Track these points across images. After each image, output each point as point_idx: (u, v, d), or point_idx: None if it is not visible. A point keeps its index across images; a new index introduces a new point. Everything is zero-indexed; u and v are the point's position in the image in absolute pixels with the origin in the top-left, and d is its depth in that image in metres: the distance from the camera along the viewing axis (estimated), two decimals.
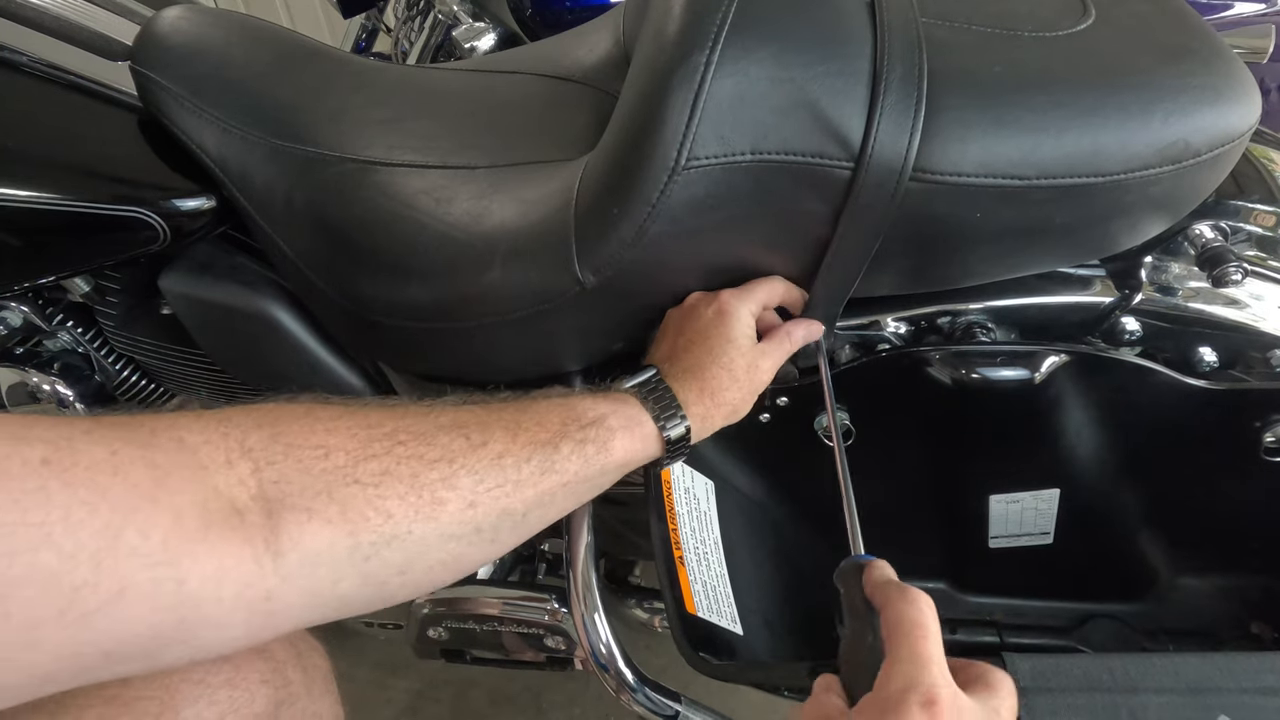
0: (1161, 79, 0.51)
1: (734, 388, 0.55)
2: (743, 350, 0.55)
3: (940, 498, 0.73)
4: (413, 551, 0.42)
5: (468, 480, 0.44)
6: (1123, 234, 0.58)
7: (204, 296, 0.71)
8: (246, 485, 0.38)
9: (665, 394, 0.53)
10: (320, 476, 0.40)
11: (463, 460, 0.44)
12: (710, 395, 0.54)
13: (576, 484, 0.49)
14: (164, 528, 0.35)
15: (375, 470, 0.42)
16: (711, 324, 0.56)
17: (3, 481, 0.31)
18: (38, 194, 0.61)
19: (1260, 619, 0.71)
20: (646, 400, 0.53)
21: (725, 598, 0.63)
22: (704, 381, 0.54)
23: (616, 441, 0.50)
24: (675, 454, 0.54)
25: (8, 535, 0.30)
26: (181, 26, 0.67)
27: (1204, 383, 0.61)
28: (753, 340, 0.57)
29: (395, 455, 0.43)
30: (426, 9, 1.37)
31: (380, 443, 0.43)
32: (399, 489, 0.42)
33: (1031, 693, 0.50)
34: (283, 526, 0.38)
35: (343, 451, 0.42)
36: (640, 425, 0.52)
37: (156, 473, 0.36)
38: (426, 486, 0.43)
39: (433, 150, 0.65)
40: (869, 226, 0.52)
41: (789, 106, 0.49)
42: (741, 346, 0.55)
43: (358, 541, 0.40)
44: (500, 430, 0.47)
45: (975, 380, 0.62)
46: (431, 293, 0.59)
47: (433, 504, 0.43)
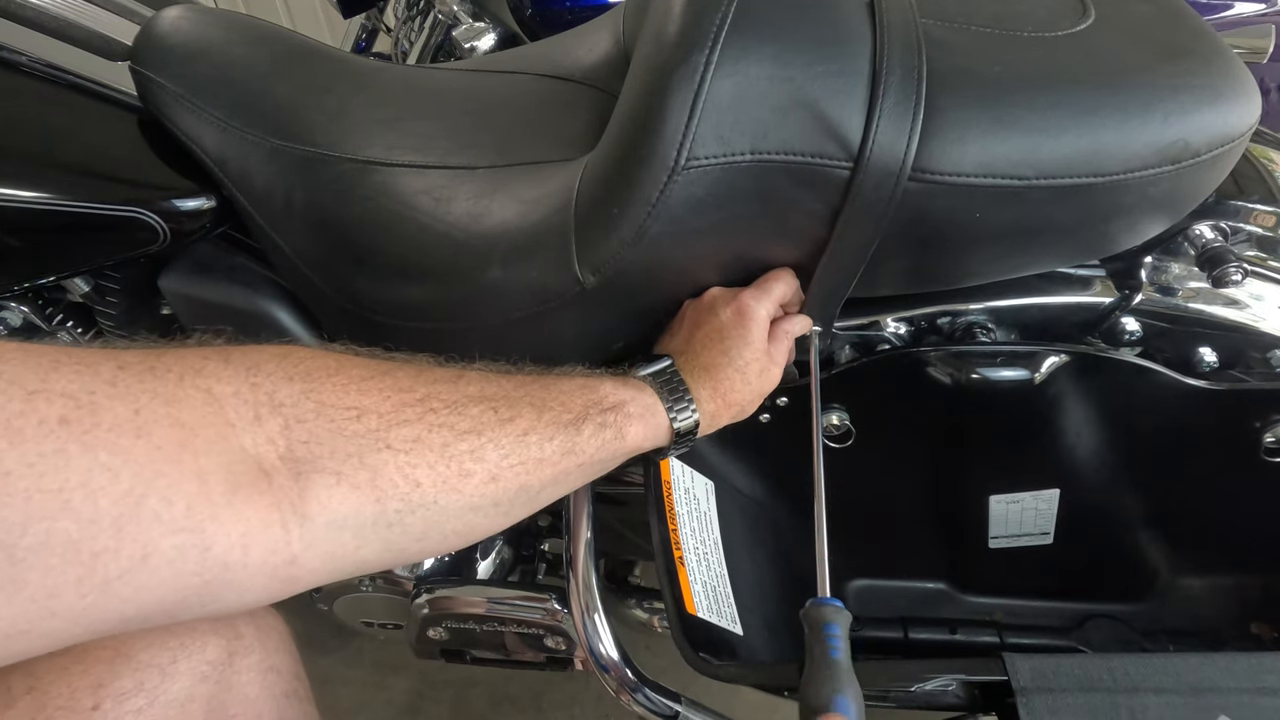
0: (1161, 79, 0.51)
1: (745, 389, 0.56)
2: (757, 354, 0.56)
3: (940, 498, 0.73)
4: (434, 520, 0.43)
5: (494, 454, 0.44)
6: (1122, 234, 0.58)
7: (204, 296, 0.71)
8: (275, 444, 0.38)
9: (680, 387, 0.54)
10: (353, 439, 0.40)
11: (491, 434, 0.45)
12: (722, 395, 0.55)
13: (590, 465, 0.50)
14: (189, 493, 0.34)
15: (408, 436, 0.41)
16: (730, 325, 0.56)
17: (18, 443, 0.29)
18: (38, 194, 0.61)
19: (1260, 619, 0.71)
20: (661, 390, 0.54)
21: (725, 598, 0.63)
22: (718, 381, 0.55)
23: (632, 428, 0.51)
24: (680, 445, 0.55)
25: (23, 502, 0.29)
26: (181, 26, 0.67)
27: (1204, 383, 0.61)
28: (766, 344, 0.57)
29: (427, 422, 0.43)
30: (426, 9, 1.37)
31: (413, 408, 0.43)
32: (429, 457, 0.42)
33: (1031, 693, 0.50)
34: (310, 490, 0.38)
35: (375, 414, 0.41)
36: (654, 415, 0.53)
37: (182, 432, 0.34)
38: (455, 458, 0.43)
39: (433, 150, 0.65)
40: (868, 226, 0.52)
41: (788, 106, 0.49)
42: (757, 350, 0.56)
43: (384, 509, 0.40)
44: (527, 407, 0.47)
45: (975, 380, 0.62)
46: (431, 293, 0.59)
47: (460, 475, 0.43)
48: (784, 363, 0.59)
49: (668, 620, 0.57)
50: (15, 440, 0.30)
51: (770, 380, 0.58)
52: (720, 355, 0.56)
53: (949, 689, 0.56)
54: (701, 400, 0.55)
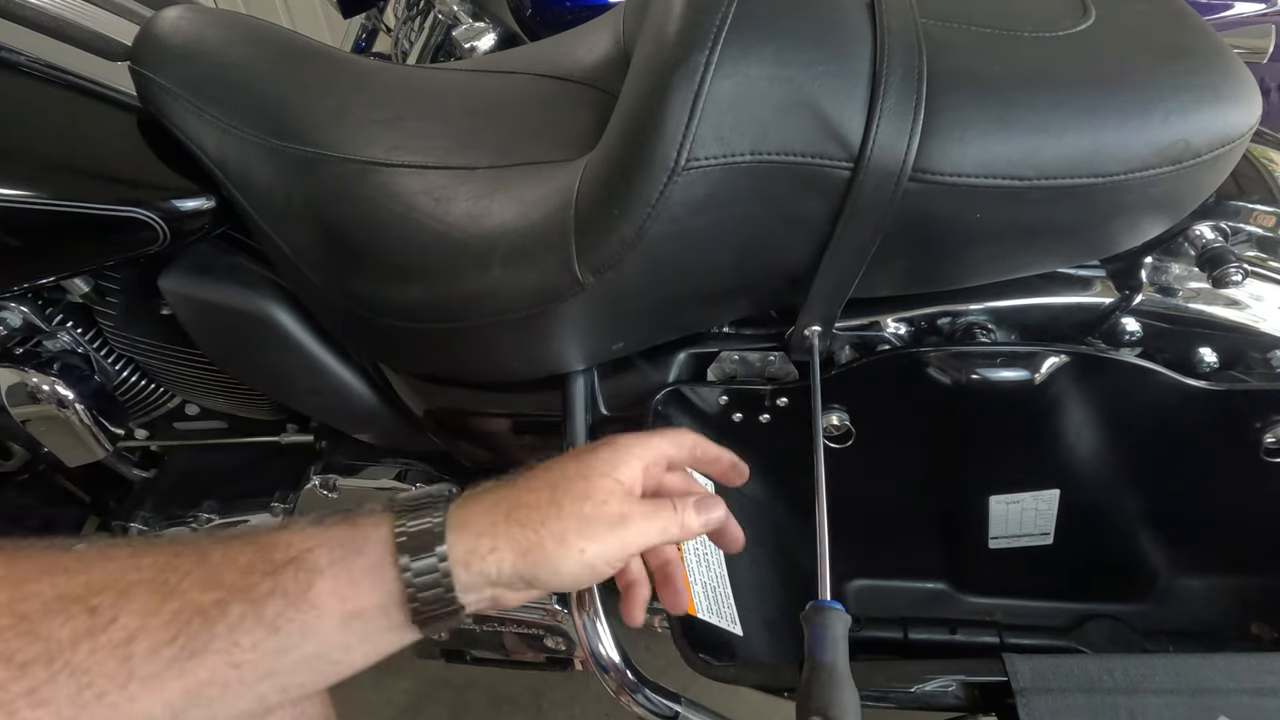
0: (1162, 79, 0.51)
1: (558, 519, 0.39)
2: (602, 485, 0.40)
3: (940, 498, 0.73)
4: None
5: (68, 686, 0.32)
6: (1123, 234, 0.58)
7: (204, 297, 0.71)
8: None
9: (433, 509, 0.39)
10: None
11: (68, 655, 0.32)
12: (507, 514, 0.39)
13: (263, 666, 0.34)
14: None
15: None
16: (580, 452, 0.43)
17: None
18: (38, 194, 0.61)
19: (1260, 619, 0.71)
20: (403, 517, 0.38)
21: (725, 599, 0.63)
22: (511, 499, 0.40)
23: (322, 585, 0.35)
24: (431, 616, 0.37)
25: None
26: (181, 26, 0.67)
27: (1204, 383, 0.61)
28: (625, 485, 0.42)
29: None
30: (426, 9, 1.37)
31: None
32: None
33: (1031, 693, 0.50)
34: None
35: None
36: (362, 556, 0.37)
37: None
38: (4, 705, 0.31)
39: (433, 150, 0.65)
40: (868, 227, 0.52)
41: (789, 107, 0.49)
42: (602, 481, 0.41)
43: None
44: (145, 593, 0.34)
45: (975, 381, 0.62)
46: (431, 293, 0.59)
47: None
48: (650, 528, 0.41)
49: (668, 621, 0.57)
50: None
51: (614, 539, 0.40)
52: (539, 476, 0.41)
53: (949, 690, 0.56)
54: (464, 523, 0.38)
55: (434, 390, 0.74)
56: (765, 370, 0.68)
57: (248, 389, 0.82)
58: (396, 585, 0.37)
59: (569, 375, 0.67)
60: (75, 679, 0.32)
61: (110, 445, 0.79)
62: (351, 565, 0.36)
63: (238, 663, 0.34)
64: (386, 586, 0.37)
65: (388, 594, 0.37)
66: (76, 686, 0.32)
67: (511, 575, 0.38)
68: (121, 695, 0.32)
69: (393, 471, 0.86)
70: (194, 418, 0.89)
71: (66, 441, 0.78)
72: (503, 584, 0.39)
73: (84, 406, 0.76)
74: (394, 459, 0.86)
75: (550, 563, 0.38)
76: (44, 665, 0.32)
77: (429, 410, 0.76)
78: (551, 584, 0.39)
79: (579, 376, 0.67)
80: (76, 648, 0.32)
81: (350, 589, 0.36)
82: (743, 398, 0.66)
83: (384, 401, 0.78)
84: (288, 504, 0.88)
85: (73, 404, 0.75)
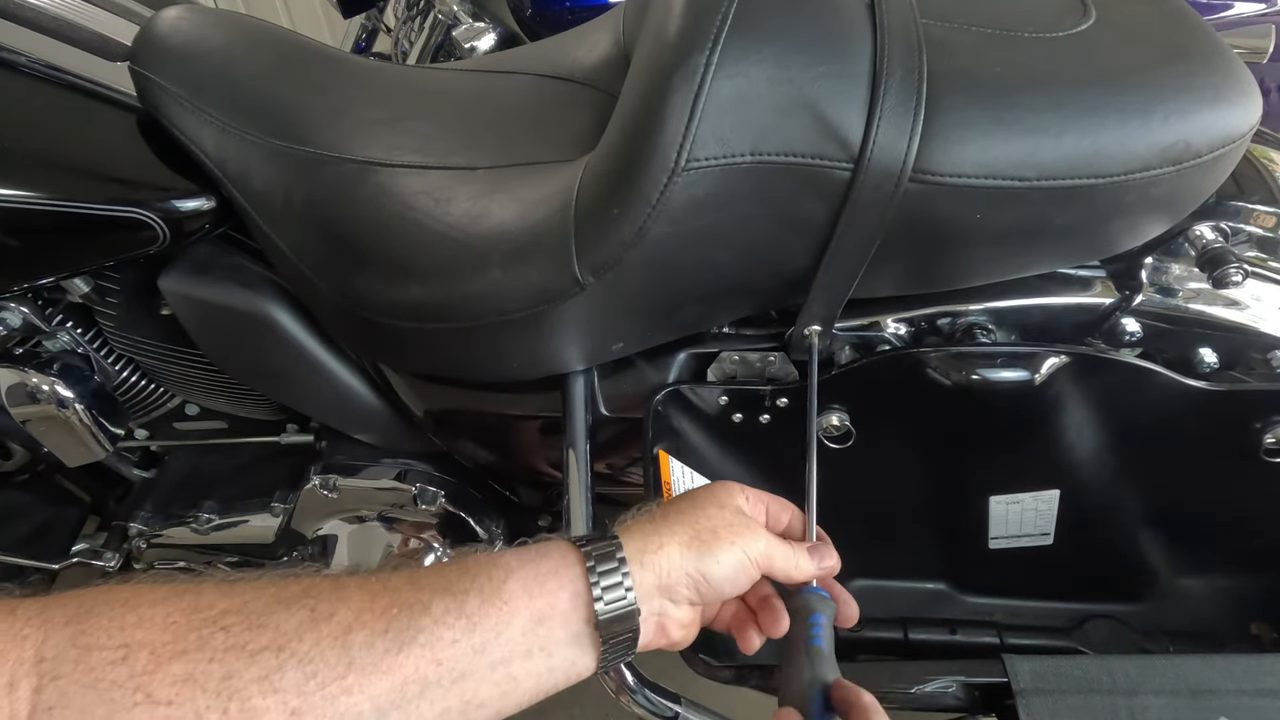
0: (1162, 79, 0.51)
1: (708, 520, 0.44)
2: (731, 504, 0.46)
3: (940, 498, 0.73)
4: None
5: (295, 675, 0.34)
6: (1123, 235, 0.58)
7: (204, 296, 0.71)
8: (18, 717, 0.31)
9: (608, 540, 0.42)
10: (107, 692, 0.32)
11: (295, 645, 0.34)
12: (664, 518, 0.44)
13: (460, 665, 0.37)
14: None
15: (178, 676, 0.32)
16: (700, 488, 0.48)
17: None
18: (38, 194, 0.61)
19: (1260, 620, 0.71)
20: (581, 545, 0.42)
21: None
22: (662, 513, 0.45)
23: (513, 584, 0.39)
24: (613, 646, 0.41)
25: None
26: (181, 27, 0.67)
27: (1204, 384, 0.61)
28: (749, 512, 0.47)
29: (210, 649, 0.33)
30: (426, 9, 1.37)
31: (198, 632, 0.34)
32: (200, 702, 0.32)
33: (1031, 694, 0.50)
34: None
35: (147, 650, 0.33)
36: (547, 559, 0.41)
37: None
38: (239, 692, 0.33)
39: (432, 150, 0.65)
40: (868, 227, 0.52)
41: (789, 107, 0.49)
42: (731, 501, 0.46)
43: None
44: (359, 594, 0.37)
45: (975, 381, 0.62)
46: (431, 293, 0.59)
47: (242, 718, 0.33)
48: (773, 548, 0.45)
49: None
50: None
51: (756, 541, 0.44)
52: (680, 502, 0.46)
53: (949, 690, 0.56)
54: (635, 535, 0.42)
55: (434, 390, 0.74)
56: (765, 371, 0.68)
57: (248, 389, 0.82)
58: (582, 584, 0.40)
59: (569, 375, 0.67)
60: (302, 667, 0.34)
61: (110, 445, 0.79)
62: (539, 566, 0.40)
63: (439, 659, 0.36)
64: (573, 585, 0.40)
65: (573, 594, 0.40)
66: (303, 675, 0.34)
67: (680, 570, 0.42)
68: (339, 686, 0.34)
69: (393, 471, 0.85)
70: (194, 418, 0.89)
71: (66, 441, 0.78)
72: (672, 584, 0.42)
73: (84, 406, 0.76)
74: (394, 459, 0.86)
75: (712, 553, 0.42)
76: (274, 654, 0.34)
77: (429, 410, 0.76)
78: (713, 575, 0.42)
79: (579, 376, 0.67)
80: (302, 637, 0.34)
81: (538, 585, 0.39)
82: (743, 398, 0.66)
83: (384, 401, 0.78)
84: (288, 504, 0.88)
85: (73, 404, 0.75)
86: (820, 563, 0.47)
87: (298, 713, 0.33)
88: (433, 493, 0.85)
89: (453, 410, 0.76)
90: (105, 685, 0.32)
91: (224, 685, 0.33)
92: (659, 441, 0.66)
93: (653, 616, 0.42)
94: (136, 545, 0.91)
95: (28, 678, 0.32)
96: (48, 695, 0.32)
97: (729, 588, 0.43)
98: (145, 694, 0.32)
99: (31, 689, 0.32)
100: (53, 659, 0.32)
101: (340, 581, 0.38)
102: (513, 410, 0.74)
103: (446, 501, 0.85)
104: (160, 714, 0.32)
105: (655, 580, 0.42)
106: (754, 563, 0.44)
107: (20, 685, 0.32)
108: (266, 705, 0.33)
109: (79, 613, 0.34)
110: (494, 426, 0.77)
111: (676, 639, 0.45)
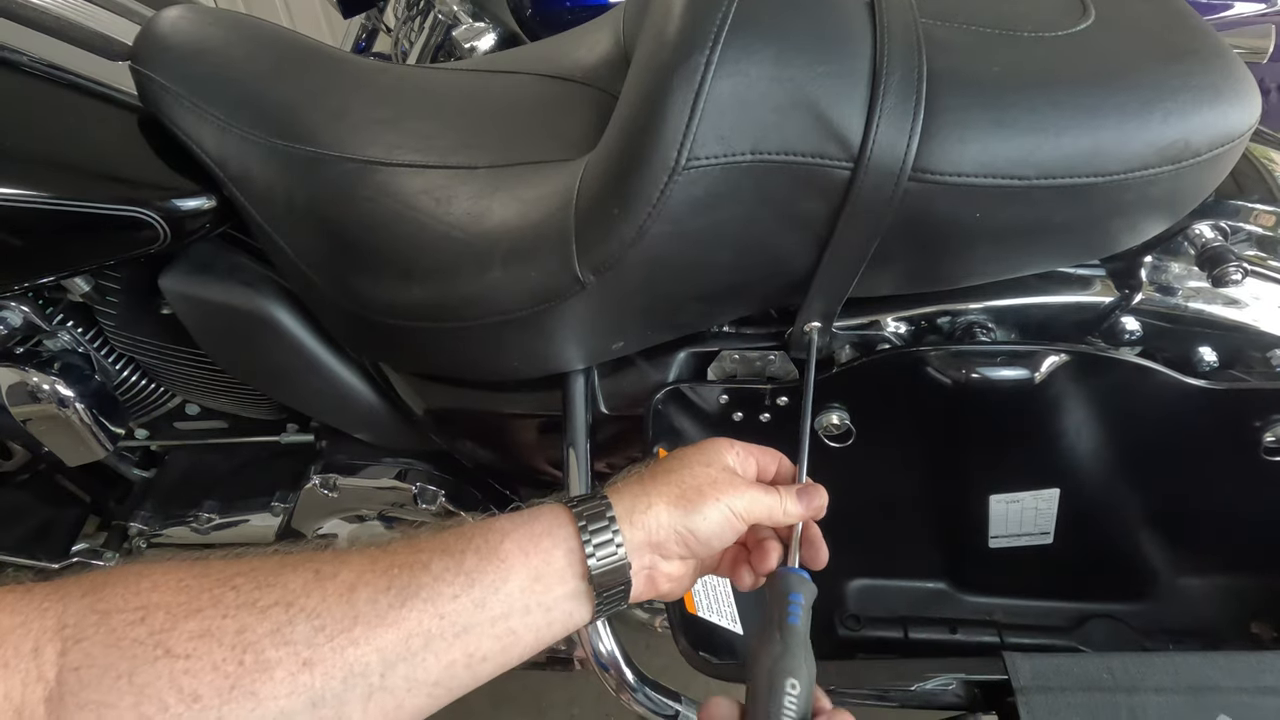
0: (1161, 79, 0.51)
1: (693, 478, 0.45)
2: (719, 460, 0.47)
3: (940, 497, 0.73)
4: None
5: (305, 628, 0.35)
6: (1123, 234, 0.58)
7: (204, 296, 0.71)
8: (45, 678, 0.33)
9: (598, 500, 0.44)
10: (129, 649, 0.33)
11: (303, 601, 0.36)
12: (652, 478, 0.45)
13: (462, 619, 0.38)
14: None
15: (194, 632, 0.34)
16: (689, 447, 0.48)
17: None
18: (38, 194, 0.61)
19: (1260, 619, 0.71)
20: (572, 506, 0.44)
21: (725, 597, 0.63)
22: (649, 473, 0.46)
23: (508, 544, 0.40)
24: (605, 568, 0.42)
25: None
26: (181, 26, 0.67)
27: (1204, 382, 0.61)
28: (734, 467, 0.48)
29: (223, 606, 0.35)
30: (426, 9, 1.37)
31: (210, 592, 0.36)
32: (216, 655, 0.34)
33: (1032, 691, 0.50)
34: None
35: (163, 610, 0.35)
36: (539, 521, 0.42)
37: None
38: (253, 645, 0.34)
39: (433, 150, 0.65)
40: (868, 226, 0.52)
41: (789, 107, 0.49)
42: (718, 457, 0.47)
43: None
44: (359, 557, 0.39)
45: (975, 380, 0.62)
46: (432, 292, 0.59)
47: (256, 671, 0.34)
48: (766, 500, 0.46)
49: (668, 620, 0.57)
50: None
51: (741, 496, 0.45)
52: (670, 461, 0.47)
53: (949, 688, 0.56)
54: (625, 495, 0.44)
55: (434, 390, 0.74)
56: (765, 369, 0.68)
57: (248, 389, 0.82)
58: (575, 542, 0.41)
59: (569, 374, 0.67)
60: (310, 621, 0.35)
61: (110, 445, 0.79)
62: (532, 528, 0.41)
63: (441, 613, 0.38)
64: (566, 544, 0.41)
65: (566, 551, 0.41)
66: (312, 629, 0.35)
67: (668, 528, 0.43)
68: (347, 639, 0.36)
69: (393, 471, 0.86)
70: (194, 418, 0.89)
71: (66, 441, 0.78)
72: (661, 541, 0.43)
73: (84, 406, 0.76)
74: (394, 459, 0.86)
75: (698, 509, 0.44)
76: (283, 609, 0.35)
77: (429, 410, 0.76)
78: (700, 530, 0.44)
79: (579, 376, 0.67)
80: (309, 594, 0.36)
81: (532, 544, 0.41)
82: (743, 397, 0.66)
83: (384, 401, 0.78)
84: (288, 504, 0.88)
85: (73, 403, 0.75)
86: (809, 504, 0.48)
87: (309, 664, 0.35)
88: (433, 492, 0.85)
89: (453, 410, 0.76)
90: (127, 643, 0.34)
91: (239, 639, 0.34)
92: (659, 440, 0.66)
93: (644, 570, 0.44)
94: (136, 545, 0.92)
95: (52, 643, 0.33)
96: (73, 657, 0.33)
97: (716, 542, 0.45)
98: (165, 649, 0.34)
99: (57, 652, 0.33)
100: (74, 624, 0.34)
101: (341, 551, 0.39)
102: (513, 409, 0.74)
103: (446, 501, 0.85)
104: (180, 666, 0.33)
105: (645, 537, 0.43)
106: (739, 516, 0.45)
107: (45, 650, 0.33)
108: (280, 656, 0.35)
109: (94, 585, 0.35)
110: (494, 426, 0.77)
111: (665, 590, 0.46)
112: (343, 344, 0.74)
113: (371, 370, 0.76)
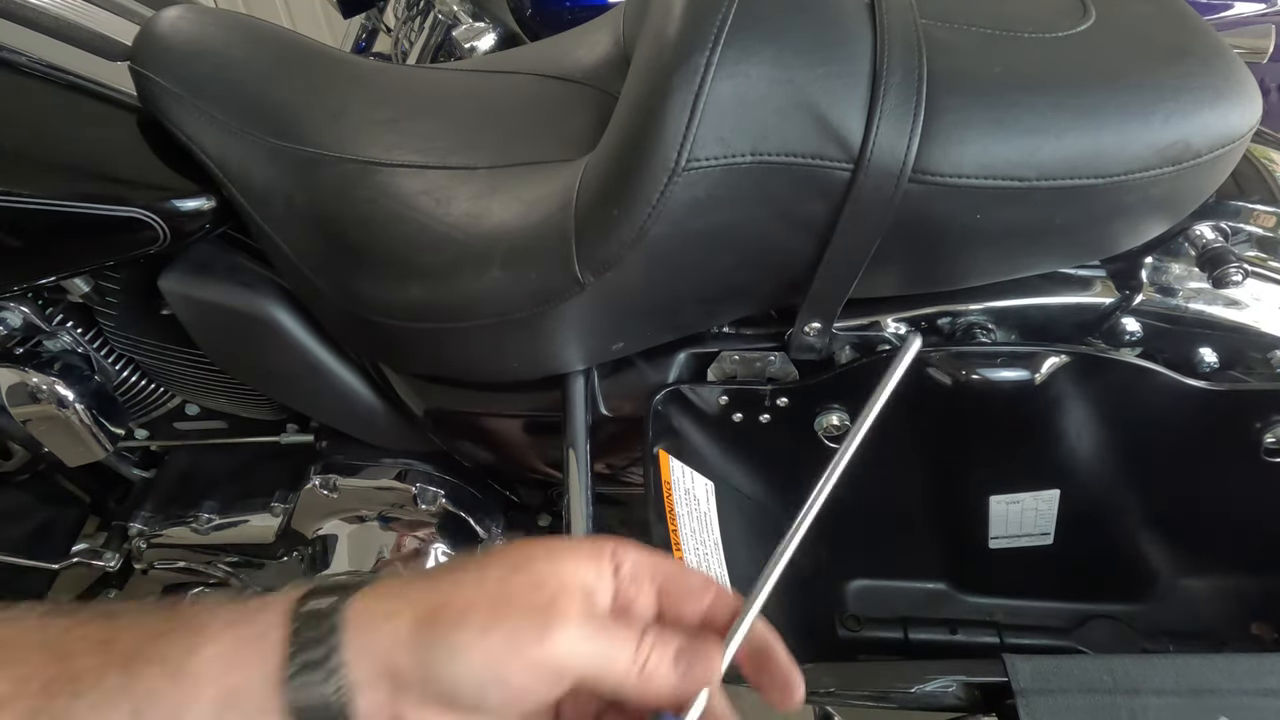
0: (1162, 80, 0.51)
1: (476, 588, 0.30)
2: (541, 568, 0.30)
3: (940, 498, 0.73)
4: None
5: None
6: (1123, 235, 0.58)
7: (204, 296, 0.71)
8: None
9: (335, 595, 0.30)
10: None
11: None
12: (426, 579, 0.31)
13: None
14: None
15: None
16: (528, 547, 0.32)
17: None
18: (38, 195, 0.61)
19: (1261, 620, 0.71)
20: (302, 602, 0.30)
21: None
22: (442, 569, 0.32)
23: (208, 654, 0.29)
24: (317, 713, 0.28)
25: None
26: (181, 26, 0.67)
27: (1204, 383, 0.61)
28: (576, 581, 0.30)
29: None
30: (426, 9, 1.37)
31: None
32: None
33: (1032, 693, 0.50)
34: None
35: None
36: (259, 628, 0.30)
37: None
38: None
39: (432, 150, 0.65)
40: (868, 227, 0.52)
41: (789, 108, 0.49)
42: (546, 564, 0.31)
43: None
44: (38, 655, 0.29)
45: (976, 381, 0.62)
46: (431, 293, 0.59)
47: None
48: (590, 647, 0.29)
49: None
50: None
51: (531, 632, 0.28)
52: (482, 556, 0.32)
53: (949, 690, 0.56)
54: (368, 598, 0.30)
55: (434, 390, 0.74)
56: (765, 370, 0.68)
57: (248, 389, 0.82)
58: (280, 657, 0.29)
59: (569, 375, 0.67)
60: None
61: (110, 445, 0.79)
62: (246, 629, 0.29)
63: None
64: (272, 658, 0.29)
65: (268, 672, 0.29)
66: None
67: (408, 655, 0.29)
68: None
69: (393, 471, 0.85)
70: (194, 418, 0.89)
71: (66, 441, 0.78)
72: (399, 672, 0.29)
73: (84, 406, 0.76)
74: (394, 459, 0.86)
75: (445, 639, 0.28)
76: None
77: (429, 410, 0.76)
78: (445, 672, 0.28)
79: (579, 376, 0.67)
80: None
81: (235, 655, 0.29)
82: (743, 398, 0.66)
83: (384, 401, 0.78)
84: (288, 504, 0.88)
85: (73, 404, 0.75)
86: (686, 671, 0.30)
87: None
88: (433, 493, 0.85)
89: (453, 410, 0.76)
90: None
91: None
92: (659, 441, 0.66)
93: (381, 715, 0.29)
94: (136, 545, 0.91)
95: None
96: None
97: (492, 697, 0.29)
98: None
99: None
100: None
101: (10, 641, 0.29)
102: (513, 410, 0.74)
103: (446, 501, 0.85)
104: None
105: (374, 665, 0.29)
106: (540, 665, 0.28)
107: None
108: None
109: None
110: (494, 426, 0.77)
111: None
112: (343, 344, 0.74)
113: (371, 371, 0.76)
